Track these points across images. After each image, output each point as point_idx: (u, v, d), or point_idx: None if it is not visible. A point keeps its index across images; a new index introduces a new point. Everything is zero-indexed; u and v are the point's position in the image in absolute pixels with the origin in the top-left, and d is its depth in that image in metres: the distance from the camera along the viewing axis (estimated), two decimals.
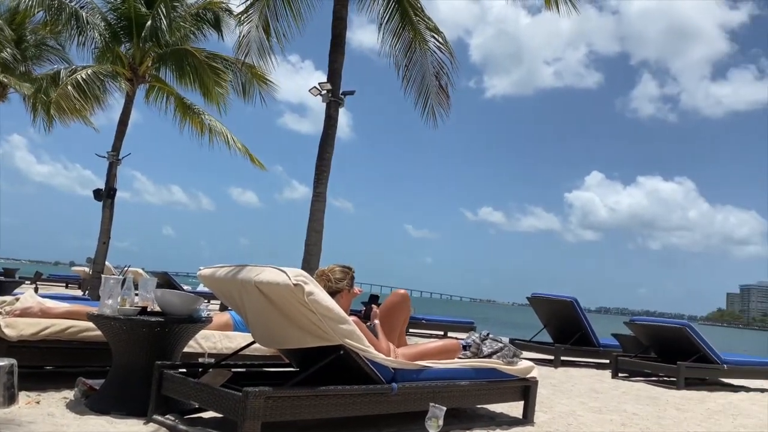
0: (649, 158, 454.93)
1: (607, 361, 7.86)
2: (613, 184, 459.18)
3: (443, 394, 3.52)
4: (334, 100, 9.24)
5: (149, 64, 12.95)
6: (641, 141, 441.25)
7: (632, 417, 4.71)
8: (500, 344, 4.03)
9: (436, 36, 10.15)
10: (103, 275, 3.92)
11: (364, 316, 3.78)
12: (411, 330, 11.56)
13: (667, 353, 7.20)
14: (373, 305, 3.86)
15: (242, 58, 9.13)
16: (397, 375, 3.34)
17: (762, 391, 7.12)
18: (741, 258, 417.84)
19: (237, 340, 4.30)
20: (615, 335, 8.74)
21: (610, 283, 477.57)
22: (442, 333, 11.71)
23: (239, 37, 9.16)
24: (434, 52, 10.13)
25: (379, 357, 3.25)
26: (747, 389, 7.13)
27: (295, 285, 2.86)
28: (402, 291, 3.93)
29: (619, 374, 7.34)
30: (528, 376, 4.05)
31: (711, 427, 4.58)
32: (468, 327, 11.74)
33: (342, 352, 3.10)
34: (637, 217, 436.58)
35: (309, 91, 9.43)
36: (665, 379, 7.23)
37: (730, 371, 7.07)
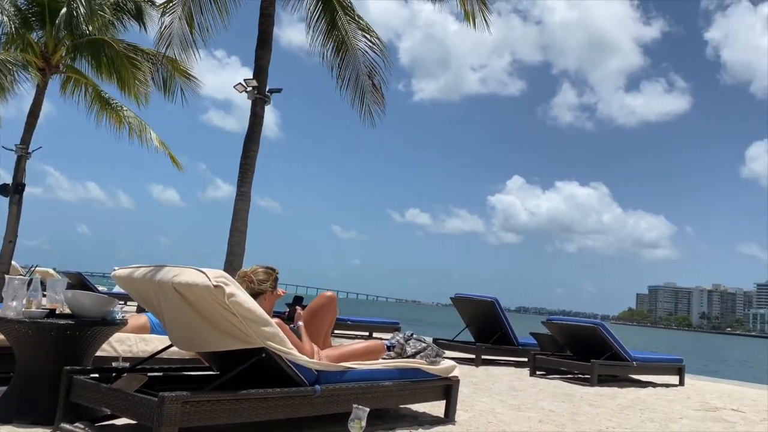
0: (567, 164, 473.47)
1: (526, 360, 8.10)
2: (533, 189, 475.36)
3: (367, 395, 3.52)
4: (260, 97, 9.08)
5: (63, 54, 12.29)
6: (560, 147, 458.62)
7: (549, 414, 4.87)
8: (424, 344, 4.07)
9: (367, 36, 10.17)
10: (7, 276, 3.68)
11: (288, 318, 3.72)
12: (336, 331, 11.51)
13: (581, 351, 7.50)
14: (297, 307, 3.81)
15: (163, 51, 8.81)
16: (321, 377, 3.32)
17: (667, 386, 7.53)
18: (650, 260, 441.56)
19: (154, 343, 4.14)
20: (533, 334, 9.02)
21: (530, 284, 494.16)
22: (367, 334, 11.73)
23: (160, 28, 8.84)
24: (366, 52, 10.15)
25: (302, 359, 3.21)
26: (654, 384, 7.53)
27: (215, 286, 2.79)
28: (329, 293, 3.91)
29: (537, 372, 7.58)
30: (450, 375, 4.12)
31: (621, 422, 4.80)
32: (393, 327, 11.82)
33: (264, 354, 3.04)
34: (555, 220, 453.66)
35: (234, 87, 9.23)
36: (580, 376, 7.52)
37: (639, 368, 7.45)
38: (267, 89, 9.26)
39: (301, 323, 3.61)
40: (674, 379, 7.85)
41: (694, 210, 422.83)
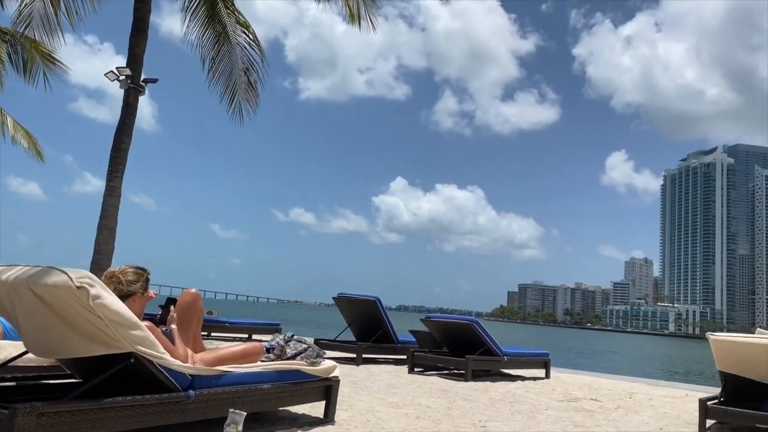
0: (446, 168, 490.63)
1: (405, 357, 8.27)
2: (415, 191, 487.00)
3: (244, 398, 3.42)
4: (133, 86, 8.59)
5: None
6: (441, 152, 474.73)
7: (426, 410, 5.00)
8: (304, 345, 4.03)
9: (246, 31, 9.92)
10: None
11: (160, 321, 3.54)
12: (214, 333, 11.16)
13: (458, 348, 7.78)
14: (171, 308, 3.63)
15: (21, 31, 8.08)
16: (195, 381, 3.18)
17: (534, 379, 8.00)
18: (520, 260, 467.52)
19: (7, 349, 3.77)
20: (412, 332, 9.23)
21: (410, 283, 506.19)
22: (246, 336, 11.46)
23: (20, 5, 8.10)
24: (245, 47, 9.90)
25: (175, 363, 3.06)
26: (523, 378, 7.97)
27: (78, 287, 2.58)
28: (193, 290, 3.76)
29: (415, 369, 7.77)
30: (330, 375, 4.11)
31: (492, 415, 5.03)
32: (273, 329, 11.64)
33: (132, 360, 2.86)
34: (435, 221, 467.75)
35: (105, 75, 8.67)
36: (455, 371, 7.80)
37: (510, 362, 7.85)
38: (142, 79, 8.77)
39: (174, 326, 3.44)
40: (541, 372, 8.35)
41: (560, 214, 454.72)
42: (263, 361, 3.79)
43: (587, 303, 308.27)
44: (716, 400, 5.10)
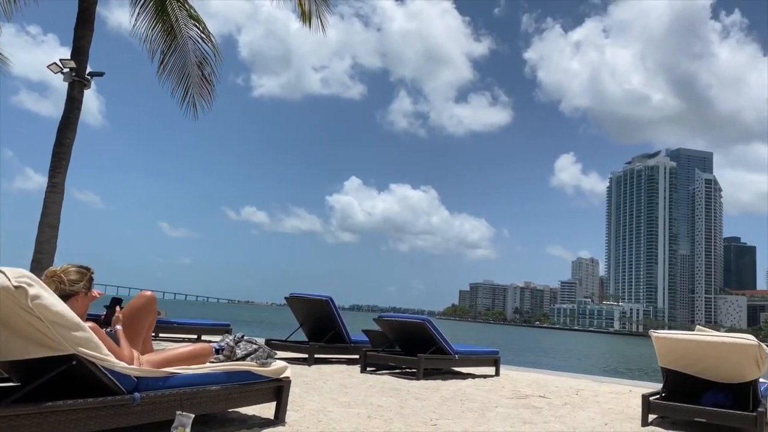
0: (401, 168, 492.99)
1: (358, 357, 8.26)
2: (369, 190, 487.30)
3: (192, 400, 3.35)
4: (78, 80, 8.31)
5: None
6: (395, 152, 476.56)
7: (377, 409, 5.00)
8: (255, 346, 3.97)
9: (198, 25, 9.72)
10: None
11: (105, 322, 3.43)
12: (162, 335, 10.91)
13: (410, 347, 7.82)
14: (117, 309, 3.52)
15: None
16: (141, 384, 3.09)
17: (485, 377, 8.11)
18: (472, 260, 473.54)
19: None
20: (365, 331, 9.23)
21: (364, 282, 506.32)
22: (195, 336, 11.25)
23: None
24: (197, 41, 9.70)
25: (119, 365, 2.97)
26: (473, 376, 8.07)
27: (15, 287, 2.48)
28: (148, 293, 3.66)
29: (368, 368, 7.77)
30: (281, 376, 4.06)
31: (443, 413, 5.07)
32: (223, 329, 11.47)
33: (75, 362, 2.76)
34: (389, 221, 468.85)
35: (48, 67, 8.35)
36: (407, 370, 7.83)
37: (461, 360, 7.94)
38: (87, 72, 8.50)
39: (119, 327, 3.34)
40: (491, 370, 8.48)
41: (511, 214, 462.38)
42: (212, 362, 3.72)
43: (536, 301, 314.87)
44: (658, 396, 5.28)
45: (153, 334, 11.52)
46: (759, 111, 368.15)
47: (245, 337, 4.02)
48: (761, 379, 5.17)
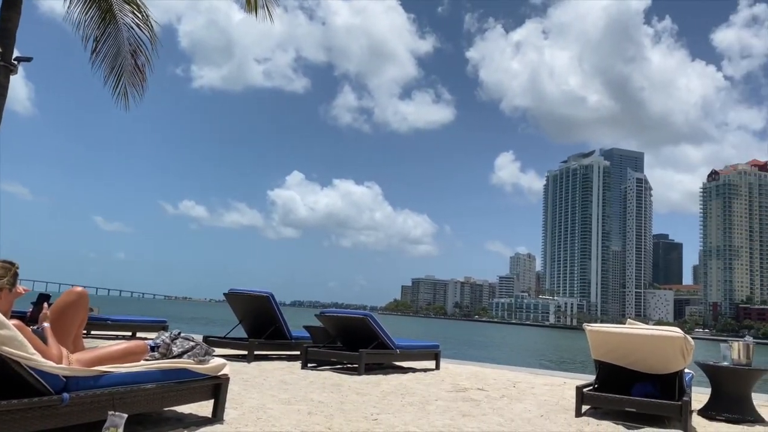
0: (344, 163, 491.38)
1: (299, 353, 8.20)
2: (312, 185, 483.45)
3: (126, 400, 3.24)
4: (4, 65, 7.86)
5: None
6: (339, 147, 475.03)
7: (318, 405, 4.98)
8: (192, 343, 3.87)
9: (134, 11, 9.37)
10: None
11: (31, 319, 3.27)
12: (94, 332, 10.53)
13: (352, 342, 7.81)
14: (44, 305, 3.36)
15: None
16: (70, 384, 2.96)
17: (425, 370, 8.20)
18: (414, 255, 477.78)
19: None
20: (306, 327, 9.17)
21: (306, 278, 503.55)
22: (130, 334, 10.90)
23: None
24: (132, 28, 9.34)
25: (47, 365, 2.84)
26: (414, 370, 8.14)
27: None
28: (78, 289, 3.51)
29: (309, 365, 7.72)
30: (220, 373, 3.98)
31: (384, 408, 5.09)
32: (159, 326, 11.14)
33: None
34: (332, 216, 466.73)
35: None
36: (349, 366, 7.83)
37: (402, 355, 7.99)
38: (14, 57, 8.06)
39: (46, 324, 3.19)
40: (431, 363, 8.58)
41: (453, 211, 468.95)
42: (147, 360, 3.60)
43: (475, 296, 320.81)
44: (591, 387, 5.47)
45: (84, 331, 11.09)
46: (687, 114, 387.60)
47: (182, 334, 3.92)
48: (686, 370, 5.43)
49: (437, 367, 8.50)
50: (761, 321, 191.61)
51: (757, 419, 5.35)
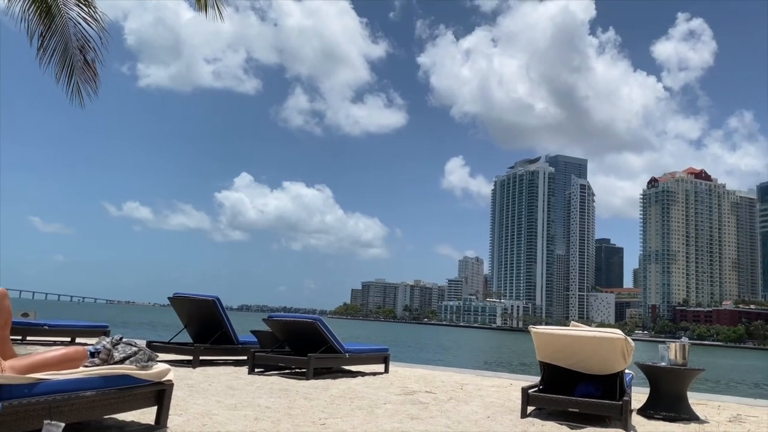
0: (294, 165, 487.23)
1: (246, 358, 8.07)
2: (261, 187, 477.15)
3: (63, 408, 3.11)
4: None
5: None
6: (289, 149, 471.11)
7: (265, 410, 4.91)
8: (135, 348, 3.75)
9: (80, 5, 9.05)
10: None
11: None
12: (30, 338, 10.11)
13: (300, 346, 7.75)
14: None
15: None
16: (3, 392, 2.83)
17: (374, 374, 8.20)
18: (365, 259, 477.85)
19: None
20: (254, 332, 9.05)
21: (254, 282, 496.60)
22: (68, 340, 10.50)
23: None
24: (79, 23, 9.02)
25: None
26: (363, 374, 8.13)
27: None
28: None
29: (256, 369, 7.61)
30: (163, 379, 3.87)
31: (333, 412, 5.06)
32: (100, 331, 10.79)
33: None
34: (282, 219, 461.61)
35: None
36: (297, 370, 7.76)
37: (351, 359, 7.97)
38: None
39: None
40: (381, 367, 8.59)
41: (404, 214, 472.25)
42: (87, 366, 3.47)
43: (425, 299, 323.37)
44: (536, 388, 5.57)
45: (19, 337, 10.65)
46: (629, 123, 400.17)
47: (124, 339, 3.80)
48: (627, 371, 5.60)
49: (386, 370, 8.51)
50: (696, 322, 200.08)
51: (692, 417, 5.57)
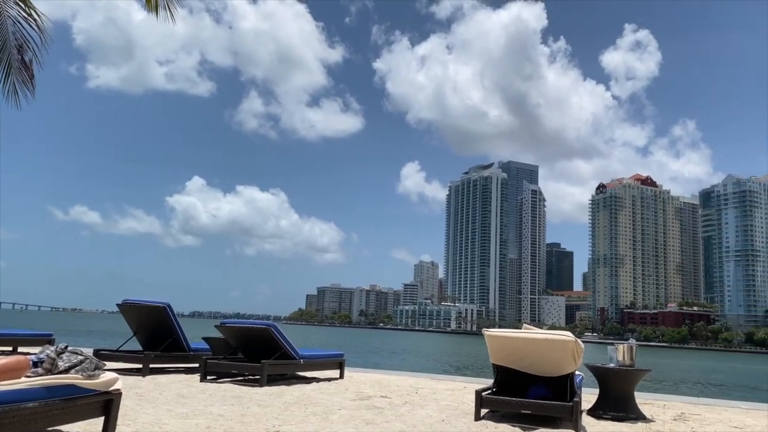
0: (248, 169, 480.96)
1: (198, 365, 7.92)
2: (214, 191, 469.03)
3: (3, 421, 2.99)
4: None
5: None
6: (243, 152, 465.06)
7: (218, 418, 4.82)
8: (81, 357, 3.63)
9: (20, 3, 8.74)
10: None
11: None
12: None
13: (254, 353, 7.64)
14: None
15: None
16: None
17: (329, 380, 8.15)
18: (321, 263, 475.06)
19: None
20: (206, 339, 8.88)
21: (206, 288, 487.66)
22: (10, 349, 10.08)
23: None
24: (18, 22, 8.71)
25: None
26: (318, 380, 8.08)
27: None
28: None
29: (208, 377, 7.47)
30: (111, 389, 3.75)
31: (287, 419, 5.01)
32: (44, 340, 10.39)
33: None
34: (236, 224, 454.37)
35: None
36: (251, 377, 7.65)
37: (306, 365, 7.90)
38: None
39: None
40: (336, 373, 8.54)
41: (360, 219, 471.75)
42: (30, 376, 3.34)
43: (381, 304, 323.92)
44: (490, 391, 5.64)
45: None
46: (579, 131, 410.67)
47: (69, 348, 3.67)
48: (577, 372, 5.73)
49: (341, 376, 8.47)
50: (643, 324, 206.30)
51: (639, 416, 5.73)
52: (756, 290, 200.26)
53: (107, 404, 3.75)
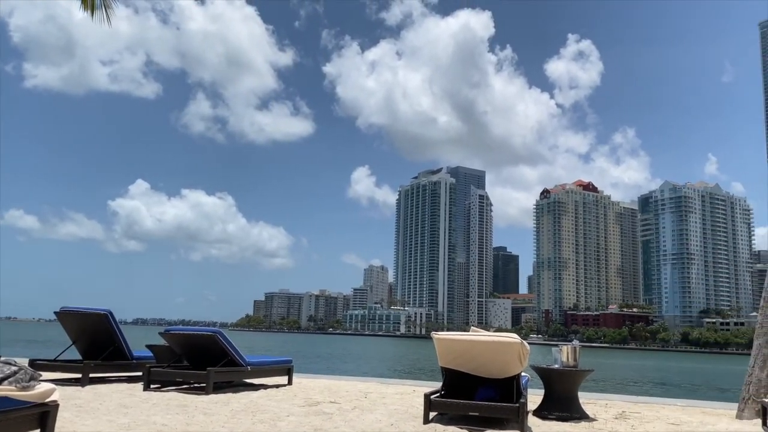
0: (194, 173, 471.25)
1: (141, 374, 7.69)
2: (159, 195, 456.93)
3: None
4: None
5: None
6: (189, 156, 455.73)
7: (161, 428, 4.69)
8: (14, 368, 3.47)
9: None
10: None
11: None
12: None
13: (199, 360, 7.47)
14: None
15: None
16: None
17: (277, 386, 8.05)
18: (269, 269, 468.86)
19: None
20: (149, 346, 8.64)
21: (150, 294, 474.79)
22: None
23: None
24: None
25: None
26: (266, 386, 7.96)
27: None
28: None
29: (152, 386, 7.27)
30: (48, 400, 3.60)
31: (234, 427, 4.91)
32: None
33: None
34: (182, 228, 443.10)
35: None
36: (196, 385, 7.48)
37: (253, 372, 7.78)
38: None
39: None
40: (284, 379, 8.45)
41: (310, 223, 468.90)
42: None
43: (330, 309, 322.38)
44: (438, 394, 5.68)
45: None
46: (524, 137, 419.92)
47: (2, 358, 3.50)
48: (523, 374, 5.84)
49: (290, 382, 8.38)
50: (586, 326, 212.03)
51: (582, 416, 5.88)
52: (691, 292, 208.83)
53: (43, 416, 3.60)
